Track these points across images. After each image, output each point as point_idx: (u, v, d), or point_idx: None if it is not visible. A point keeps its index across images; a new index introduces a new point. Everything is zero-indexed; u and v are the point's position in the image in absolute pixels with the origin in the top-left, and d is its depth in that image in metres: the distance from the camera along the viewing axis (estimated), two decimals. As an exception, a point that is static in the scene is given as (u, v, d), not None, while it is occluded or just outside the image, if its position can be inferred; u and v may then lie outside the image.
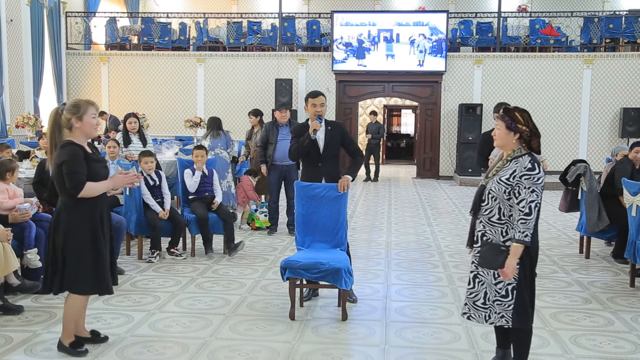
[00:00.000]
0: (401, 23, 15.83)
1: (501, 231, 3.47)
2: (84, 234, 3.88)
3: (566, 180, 7.05)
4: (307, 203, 5.21)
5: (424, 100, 16.42)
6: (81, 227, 3.87)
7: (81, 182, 3.80)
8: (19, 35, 14.10)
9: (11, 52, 13.67)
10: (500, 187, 3.43)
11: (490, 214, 3.50)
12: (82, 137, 3.95)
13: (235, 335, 4.41)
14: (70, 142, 3.86)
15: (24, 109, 13.86)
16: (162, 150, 9.94)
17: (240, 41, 16.69)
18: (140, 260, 6.62)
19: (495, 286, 3.52)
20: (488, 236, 3.52)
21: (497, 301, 3.51)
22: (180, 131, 15.27)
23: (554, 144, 15.63)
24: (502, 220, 3.47)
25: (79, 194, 3.81)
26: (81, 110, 3.90)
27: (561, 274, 6.31)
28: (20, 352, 4.04)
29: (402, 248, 7.54)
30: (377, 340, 4.38)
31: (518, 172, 3.40)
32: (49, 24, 15.19)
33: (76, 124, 3.89)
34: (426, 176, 16.36)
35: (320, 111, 5.37)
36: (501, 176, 3.46)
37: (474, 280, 3.62)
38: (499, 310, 3.51)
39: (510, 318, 3.48)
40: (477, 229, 3.59)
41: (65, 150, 3.82)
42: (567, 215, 9.01)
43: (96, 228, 3.92)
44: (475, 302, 3.61)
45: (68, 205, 3.87)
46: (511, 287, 3.47)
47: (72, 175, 3.79)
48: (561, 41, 16.03)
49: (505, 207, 3.45)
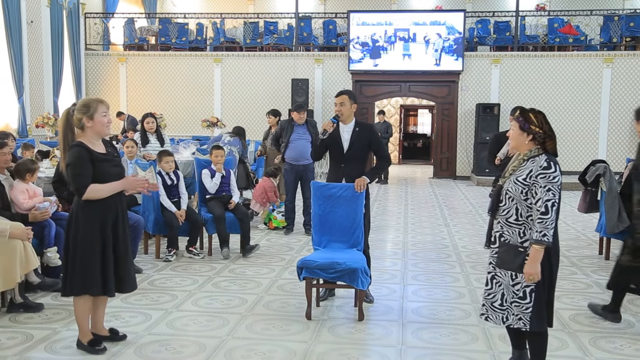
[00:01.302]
0: (418, 22, 15.77)
1: (519, 232, 3.45)
2: (91, 235, 3.89)
3: (585, 180, 6.98)
4: (323, 203, 5.20)
5: (441, 100, 16.35)
6: (90, 227, 3.89)
7: (84, 185, 3.82)
8: (39, 36, 14.27)
9: (31, 53, 13.84)
10: (517, 188, 3.41)
11: (507, 214, 3.48)
12: (95, 136, 3.96)
13: (252, 335, 4.42)
14: (78, 144, 3.87)
15: (43, 109, 14.01)
16: (180, 150, 9.98)
17: (257, 41, 16.73)
18: (158, 259, 6.66)
19: (513, 287, 3.48)
20: (506, 237, 3.50)
21: (515, 303, 3.48)
22: (197, 131, 15.35)
23: (573, 144, 15.48)
24: (519, 221, 3.45)
25: (82, 196, 3.83)
26: (91, 109, 3.91)
27: (580, 276, 6.25)
28: (41, 350, 4.09)
29: (419, 248, 7.51)
30: (393, 340, 4.37)
31: (534, 172, 3.38)
32: (68, 25, 15.36)
33: (88, 124, 3.91)
34: (443, 176, 16.29)
35: (339, 110, 5.28)
36: (518, 176, 3.44)
37: (491, 281, 3.60)
38: (516, 312, 3.48)
39: (528, 321, 3.44)
40: (495, 229, 3.57)
41: (71, 153, 3.84)
42: (586, 216, 8.92)
43: (106, 229, 3.93)
44: (492, 304, 3.58)
45: (81, 205, 3.91)
46: (529, 290, 3.43)
47: (74, 178, 3.83)
48: (580, 40, 15.86)
49: (523, 208, 3.42)
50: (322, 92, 16.14)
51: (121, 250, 4.04)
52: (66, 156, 3.87)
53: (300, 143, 8.09)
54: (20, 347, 4.12)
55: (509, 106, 13.66)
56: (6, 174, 5.42)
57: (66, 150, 3.89)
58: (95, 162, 3.88)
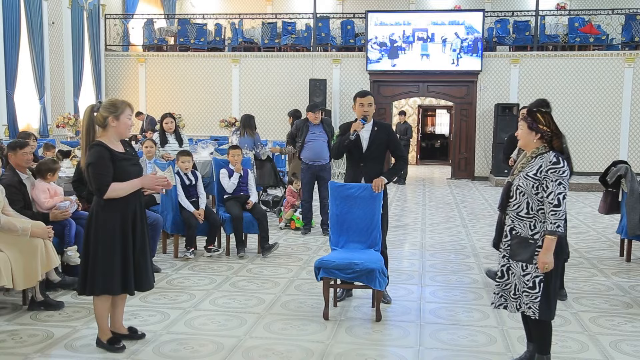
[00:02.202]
0: (436, 22, 15.70)
1: (529, 225, 3.63)
2: (112, 234, 3.92)
3: (606, 181, 6.91)
4: (341, 203, 5.20)
5: (459, 100, 16.26)
6: (111, 227, 3.92)
7: (105, 184, 3.85)
8: (60, 38, 14.44)
9: (53, 54, 14.01)
10: (528, 183, 3.60)
11: (518, 208, 3.66)
12: (115, 137, 3.98)
13: (269, 334, 4.43)
14: (98, 144, 3.89)
15: (64, 109, 14.19)
16: (198, 150, 10.04)
17: (275, 42, 16.77)
18: (176, 259, 6.70)
19: (524, 278, 3.64)
20: (517, 230, 3.68)
21: (525, 292, 3.64)
22: (215, 131, 15.43)
23: (594, 145, 15.32)
24: (530, 215, 3.62)
25: (103, 195, 3.86)
26: (119, 110, 3.94)
27: (601, 278, 6.18)
28: (61, 347, 4.13)
29: (437, 249, 7.47)
30: (411, 341, 4.36)
31: (544, 167, 3.56)
32: (88, 26, 15.52)
33: (112, 123, 3.93)
34: (461, 177, 16.20)
35: (367, 111, 5.27)
36: (528, 172, 3.63)
37: (507, 272, 3.77)
38: (526, 301, 3.64)
39: (537, 310, 3.60)
40: (507, 224, 3.76)
41: (92, 152, 3.86)
42: (606, 218, 8.82)
43: (126, 229, 3.96)
44: (510, 293, 3.75)
45: (101, 205, 3.93)
46: (538, 280, 3.59)
47: (96, 177, 3.85)
48: (601, 39, 15.68)
49: (534, 202, 3.60)
50: (340, 93, 16.13)
51: (140, 249, 4.06)
52: (87, 156, 3.89)
53: (316, 143, 8.11)
54: (41, 344, 4.16)
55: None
56: (28, 174, 5.49)
57: (87, 147, 3.91)
58: (116, 161, 3.90)
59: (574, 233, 8.53)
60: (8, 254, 4.62)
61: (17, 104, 12.45)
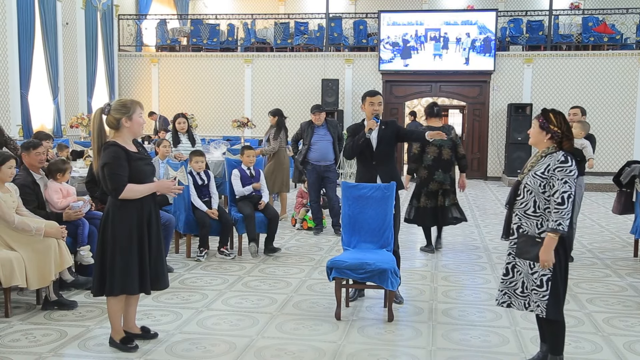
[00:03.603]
0: (449, 22, 15.64)
1: (536, 223, 3.63)
2: (128, 234, 3.94)
3: (620, 181, 6.87)
4: (353, 203, 5.20)
5: (472, 100, 16.19)
6: (127, 226, 3.94)
7: (122, 184, 3.86)
8: (74, 38, 14.55)
9: (66, 55, 14.12)
10: (535, 181, 3.61)
11: (525, 206, 3.67)
12: (129, 136, 4.00)
13: (282, 334, 4.43)
14: (113, 144, 3.91)
15: (78, 109, 14.28)
16: (210, 150, 10.07)
17: (287, 42, 16.79)
18: (189, 259, 6.73)
19: (532, 276, 3.64)
20: (524, 228, 3.69)
21: (534, 290, 3.64)
22: (228, 131, 15.46)
23: (608, 145, 15.20)
24: (537, 213, 3.63)
25: (119, 195, 3.87)
26: (131, 110, 3.96)
27: (615, 278, 6.13)
28: (74, 347, 4.16)
29: (449, 249, 7.45)
30: (423, 342, 4.35)
31: (552, 166, 3.57)
32: (102, 27, 15.63)
33: (126, 124, 3.95)
34: (474, 177, 16.11)
35: (377, 110, 5.35)
36: (536, 170, 3.64)
37: (512, 270, 3.77)
38: (535, 300, 3.64)
39: (545, 309, 3.59)
40: (514, 221, 3.76)
41: (107, 152, 3.87)
42: (620, 218, 8.74)
43: (142, 228, 3.98)
44: (515, 291, 3.75)
45: (117, 205, 3.95)
46: (546, 278, 3.59)
47: (113, 177, 3.86)
48: (615, 39, 15.54)
49: (541, 200, 3.61)
50: (352, 93, 16.12)
51: (155, 249, 4.09)
52: (102, 156, 3.90)
53: (322, 144, 8.18)
54: (55, 344, 4.20)
55: (541, 106, 13.45)
56: (41, 174, 5.53)
57: (99, 150, 3.93)
58: (131, 161, 3.92)
59: (587, 233, 8.48)
60: (22, 253, 4.67)
61: (31, 105, 12.56)
